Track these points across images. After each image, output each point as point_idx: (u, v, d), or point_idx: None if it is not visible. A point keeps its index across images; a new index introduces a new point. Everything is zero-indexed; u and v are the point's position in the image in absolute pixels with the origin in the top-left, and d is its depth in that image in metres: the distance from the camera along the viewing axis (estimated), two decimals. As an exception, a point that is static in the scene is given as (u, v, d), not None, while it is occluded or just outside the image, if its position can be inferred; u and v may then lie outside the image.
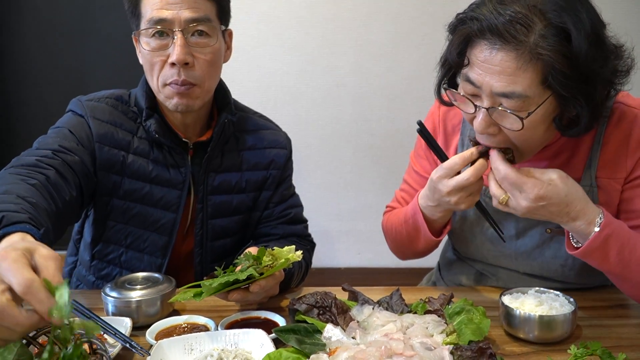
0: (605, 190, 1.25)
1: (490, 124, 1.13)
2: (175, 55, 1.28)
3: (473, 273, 1.48)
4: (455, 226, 1.44)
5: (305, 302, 1.15)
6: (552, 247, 1.33)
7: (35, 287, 0.74)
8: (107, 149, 1.37)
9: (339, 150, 3.21)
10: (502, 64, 1.06)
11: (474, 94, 1.14)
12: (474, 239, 1.41)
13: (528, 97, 1.07)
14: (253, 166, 1.50)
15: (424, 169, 1.47)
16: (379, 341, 1.01)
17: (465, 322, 1.09)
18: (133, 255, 1.44)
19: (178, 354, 1.03)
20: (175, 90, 1.32)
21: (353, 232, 3.27)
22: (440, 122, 1.43)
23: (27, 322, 0.77)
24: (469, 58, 1.13)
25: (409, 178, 1.52)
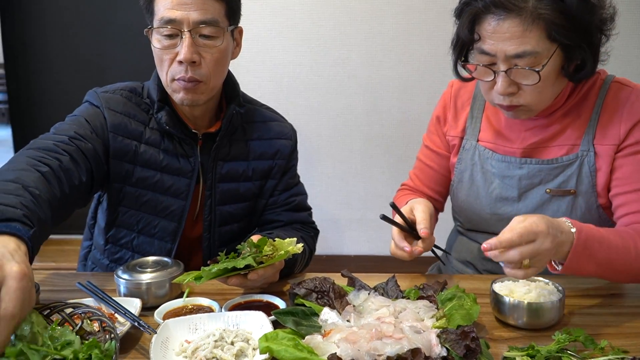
0: (601, 156, 1.39)
1: (510, 83, 1.30)
2: (182, 54, 1.34)
3: (476, 249, 1.56)
4: (460, 194, 1.55)
5: (304, 287, 1.19)
6: (551, 208, 1.43)
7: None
8: (121, 139, 1.44)
9: (349, 140, 3.24)
10: (510, 29, 1.24)
11: (490, 62, 1.31)
12: (480, 201, 1.51)
13: (538, 53, 1.25)
14: (259, 155, 1.56)
15: (434, 144, 1.63)
16: (370, 324, 1.05)
17: (456, 307, 1.13)
18: (144, 240, 1.51)
19: (183, 333, 1.09)
20: (181, 85, 1.38)
21: (363, 220, 3.30)
22: (452, 99, 1.59)
23: None
24: (478, 34, 1.30)
25: (421, 155, 1.68)
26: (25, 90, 3.62)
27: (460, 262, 1.63)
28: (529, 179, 1.45)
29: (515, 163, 1.46)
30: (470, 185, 1.53)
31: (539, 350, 1.02)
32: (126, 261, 1.48)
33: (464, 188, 1.55)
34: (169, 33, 1.35)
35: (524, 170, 1.45)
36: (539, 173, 1.44)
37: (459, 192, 1.56)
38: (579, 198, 1.42)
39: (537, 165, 1.44)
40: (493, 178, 1.49)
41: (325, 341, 1.02)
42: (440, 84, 3.11)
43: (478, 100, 1.55)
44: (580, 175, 1.40)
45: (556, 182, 1.42)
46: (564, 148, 1.42)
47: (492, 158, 1.49)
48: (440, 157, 1.63)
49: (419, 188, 1.66)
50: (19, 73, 3.61)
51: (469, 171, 1.53)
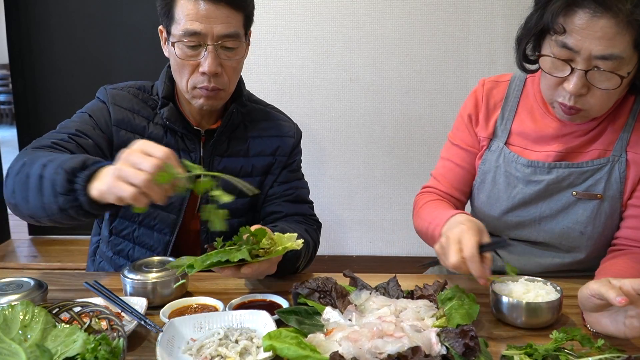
0: (633, 164, 1.36)
1: (584, 85, 1.24)
2: (207, 66, 1.38)
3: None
4: (480, 196, 1.52)
5: (307, 287, 1.20)
6: (575, 211, 1.41)
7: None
8: (124, 133, 1.48)
9: (352, 141, 3.25)
10: (604, 29, 1.17)
11: (568, 58, 1.24)
12: (500, 204, 1.48)
13: (623, 59, 1.20)
14: (260, 152, 1.59)
15: (465, 142, 1.56)
16: (372, 323, 1.06)
17: (456, 307, 1.15)
18: (144, 231, 1.54)
19: (188, 331, 1.10)
20: (203, 94, 1.43)
21: (365, 221, 3.31)
22: (483, 98, 1.52)
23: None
24: (563, 26, 1.23)
25: (449, 154, 1.59)
26: (31, 91, 3.63)
27: None
28: (556, 183, 1.41)
29: (544, 168, 1.42)
30: (492, 188, 1.49)
31: (536, 349, 1.03)
32: (127, 253, 1.55)
33: (485, 190, 1.51)
34: (192, 45, 1.38)
35: (552, 174, 1.41)
36: (568, 177, 1.40)
37: (479, 193, 1.52)
38: (605, 203, 1.38)
39: (567, 169, 1.40)
40: (517, 182, 1.45)
41: (327, 340, 1.03)
42: (442, 87, 3.20)
43: (510, 101, 1.50)
44: (610, 181, 1.37)
45: (584, 186, 1.39)
46: (596, 152, 1.38)
47: (517, 162, 1.45)
48: (471, 156, 1.56)
49: (446, 190, 1.58)
50: (24, 74, 3.63)
51: (492, 173, 1.49)
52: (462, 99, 1.60)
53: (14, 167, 1.26)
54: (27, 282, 1.23)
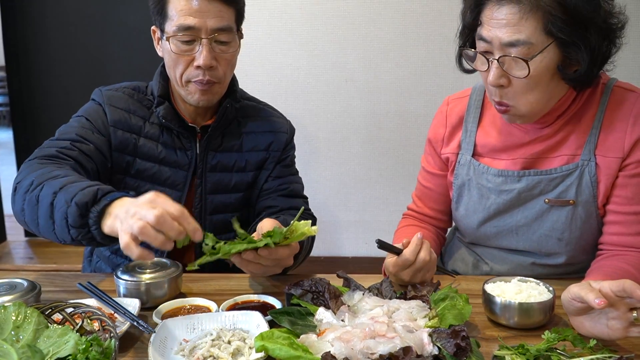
0: (603, 168, 1.34)
1: (501, 74, 1.26)
2: (202, 60, 1.40)
3: (471, 261, 1.56)
4: (459, 209, 1.52)
5: (300, 287, 1.20)
6: (550, 219, 1.40)
7: (185, 214, 1.06)
8: (121, 133, 1.50)
9: (347, 143, 3.23)
10: (507, 16, 1.21)
11: (487, 50, 1.28)
12: (477, 216, 1.48)
13: (532, 44, 1.21)
14: (253, 148, 1.61)
15: (430, 165, 1.59)
16: (364, 323, 1.06)
17: (449, 307, 1.13)
18: None
19: (181, 332, 1.10)
20: (199, 87, 1.45)
21: (361, 222, 3.30)
22: (447, 118, 1.53)
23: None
24: (480, 19, 1.28)
25: (420, 177, 1.64)
26: (27, 92, 3.61)
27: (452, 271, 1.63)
28: (528, 190, 1.40)
29: (513, 177, 1.41)
30: (468, 200, 1.49)
31: (528, 349, 1.03)
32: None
33: (462, 203, 1.51)
34: (186, 39, 1.41)
35: (522, 183, 1.40)
36: (538, 184, 1.39)
37: (458, 207, 1.53)
38: (578, 208, 1.37)
39: (536, 177, 1.39)
40: (489, 193, 1.44)
41: (319, 340, 1.03)
42: (437, 87, 3.19)
43: (471, 113, 1.49)
44: (581, 186, 1.36)
45: (555, 192, 1.38)
46: (564, 158, 1.37)
47: (488, 173, 1.44)
48: (436, 178, 1.58)
49: (422, 210, 1.63)
50: (20, 75, 3.61)
51: (466, 187, 1.49)
52: None
53: (23, 183, 1.28)
54: (20, 283, 1.22)
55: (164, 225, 1.02)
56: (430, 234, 1.59)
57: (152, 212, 1.02)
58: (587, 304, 1.04)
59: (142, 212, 1.03)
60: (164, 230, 1.02)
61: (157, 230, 1.02)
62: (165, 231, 1.03)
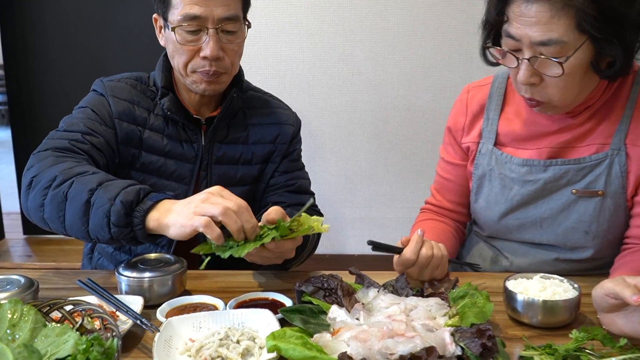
0: (634, 159, 1.31)
1: (533, 73, 1.22)
2: (209, 51, 1.36)
3: (490, 256, 1.52)
4: (478, 201, 1.48)
5: (311, 284, 1.16)
6: (577, 210, 1.36)
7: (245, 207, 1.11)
8: (126, 125, 1.46)
9: (353, 137, 3.22)
10: (538, 14, 1.16)
11: (515, 48, 1.23)
12: (498, 208, 1.44)
13: (565, 43, 1.17)
14: (259, 140, 1.57)
15: (449, 155, 1.55)
16: (381, 322, 1.02)
17: (469, 305, 1.09)
18: None
19: (187, 331, 1.06)
20: (205, 78, 1.41)
21: (366, 219, 3.27)
22: (467, 106, 1.50)
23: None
24: (507, 15, 1.22)
25: (439, 168, 1.60)
26: (26, 91, 3.60)
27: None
28: (554, 181, 1.36)
29: (539, 166, 1.37)
30: (489, 192, 1.45)
31: (556, 349, 0.98)
32: (130, 248, 1.52)
33: (482, 194, 1.47)
34: (192, 29, 1.36)
35: (548, 172, 1.36)
36: (565, 174, 1.35)
37: (478, 199, 1.48)
38: (607, 199, 1.33)
39: (564, 166, 1.35)
40: (512, 184, 1.40)
41: (334, 340, 0.99)
42: (446, 81, 3.16)
43: (494, 102, 1.46)
44: (610, 176, 1.32)
45: (583, 183, 1.34)
46: (593, 147, 1.33)
47: (511, 162, 1.41)
48: (456, 168, 1.54)
49: (441, 204, 1.59)
50: (19, 74, 3.59)
51: (487, 177, 1.45)
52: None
53: (41, 177, 1.24)
54: (17, 280, 1.18)
55: (242, 215, 1.10)
56: (449, 229, 1.55)
57: (230, 200, 1.10)
58: (621, 301, 0.99)
59: (219, 199, 1.10)
60: (242, 219, 1.09)
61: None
62: (243, 220, 1.10)
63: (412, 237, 1.26)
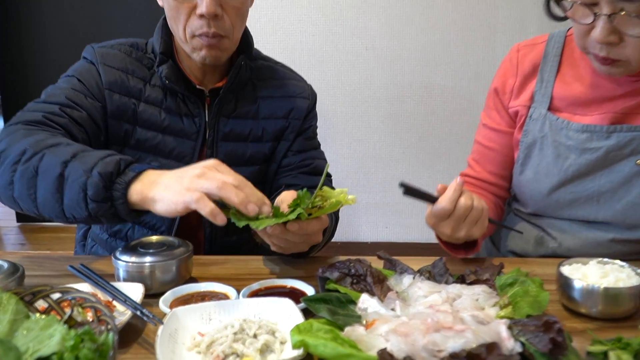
0: None
1: (611, 32, 1.12)
2: (204, 6, 1.24)
3: (533, 237, 1.41)
4: (525, 173, 1.38)
5: (337, 270, 1.04)
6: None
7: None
8: (118, 97, 1.34)
9: (367, 117, 3.17)
10: None
11: (591, 2, 1.12)
12: (550, 180, 1.34)
13: None
14: (271, 115, 1.46)
15: (494, 121, 1.44)
16: (423, 313, 0.89)
17: (521, 294, 0.97)
18: None
19: (195, 324, 0.94)
20: (205, 42, 1.29)
21: (381, 204, 3.22)
22: (517, 66, 1.40)
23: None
24: None
25: (479, 136, 1.49)
26: (20, 84, 3.60)
27: (508, 252, 1.48)
28: (617, 149, 1.26)
29: (601, 132, 1.26)
30: (539, 162, 1.35)
31: (628, 343, 0.86)
32: (126, 234, 1.41)
33: (531, 165, 1.37)
34: None
35: (612, 140, 1.25)
36: (630, 142, 1.24)
37: (525, 170, 1.38)
38: None
39: (629, 133, 1.24)
40: (568, 152, 1.30)
41: (369, 334, 0.86)
42: (466, 56, 3.11)
43: (549, 62, 1.36)
44: None
45: None
46: None
47: (568, 128, 1.30)
48: (501, 136, 1.43)
49: (480, 175, 1.48)
50: (13, 67, 3.60)
51: (538, 145, 1.35)
52: (488, 70, 1.53)
53: (8, 152, 1.14)
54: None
55: (244, 189, 1.00)
56: (489, 203, 1.44)
57: (229, 175, 1.00)
58: None
59: (216, 174, 1.00)
60: (246, 192, 0.99)
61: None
62: (247, 194, 0.99)
63: (450, 184, 1.15)
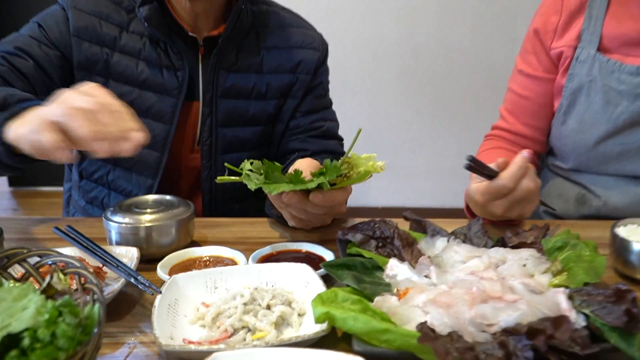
0: None
1: None
2: None
3: (574, 195, 1.30)
4: (568, 123, 1.27)
5: (359, 231, 0.92)
6: None
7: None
8: (87, 45, 1.23)
9: (379, 74, 3.08)
10: None
11: None
12: (597, 129, 1.23)
13: None
14: (276, 68, 1.33)
15: (531, 66, 1.33)
16: (465, 281, 0.77)
17: (574, 259, 0.85)
18: (120, 173, 1.31)
19: (198, 292, 0.82)
20: None
21: (392, 168, 3.06)
22: (563, 0, 1.30)
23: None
24: None
25: (514, 83, 1.38)
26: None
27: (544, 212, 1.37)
28: None
29: None
30: (585, 109, 1.24)
31: None
32: (102, 201, 1.32)
33: (576, 113, 1.26)
34: None
35: None
36: None
37: (567, 120, 1.27)
38: None
39: None
40: (619, 99, 1.20)
41: (403, 304, 0.74)
42: (487, 7, 2.96)
43: (595, 4, 1.25)
44: None
45: None
46: None
47: (620, 71, 1.20)
48: (539, 83, 1.32)
49: (514, 128, 1.37)
50: None
51: (584, 91, 1.23)
52: (512, 23, 1.38)
53: None
54: (-27, 227, 0.94)
55: (105, 116, 0.81)
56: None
57: (88, 99, 0.81)
58: None
59: (75, 97, 0.82)
60: (104, 121, 0.80)
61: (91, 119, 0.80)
62: (106, 122, 0.81)
63: (514, 159, 1.01)
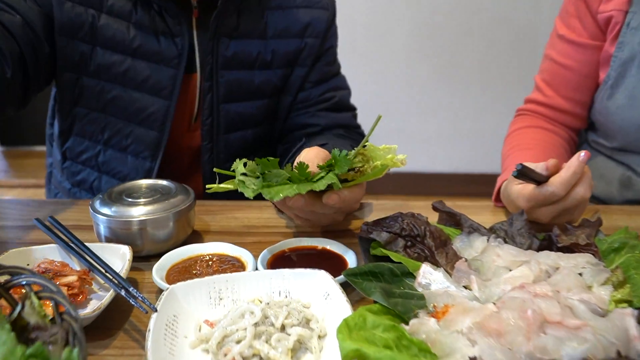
0: None
1: None
2: None
3: (617, 177, 1.22)
4: (616, 98, 1.17)
5: (384, 229, 0.80)
6: None
7: None
8: (70, 6, 1.11)
9: (390, 31, 2.93)
10: None
11: None
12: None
13: None
14: (282, 32, 1.22)
15: (575, 31, 1.22)
16: (516, 299, 0.64)
17: (634, 264, 0.74)
18: (113, 155, 1.21)
19: (200, 306, 0.71)
20: None
21: (404, 132, 3.06)
22: None
23: None
24: None
25: (552, 50, 1.26)
26: None
27: None
28: None
29: None
30: (635, 84, 1.13)
31: None
32: (92, 185, 1.23)
33: (625, 87, 1.15)
34: None
35: None
36: None
37: (615, 94, 1.17)
38: None
39: None
40: None
41: (444, 330, 0.62)
42: None
43: None
44: None
45: None
46: None
47: None
48: (582, 51, 1.21)
49: (553, 102, 1.26)
50: None
51: (636, 62, 1.12)
52: None
53: None
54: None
55: None
56: (562, 143, 1.24)
57: None
58: None
59: None
60: None
61: None
62: None
63: (568, 162, 0.89)
